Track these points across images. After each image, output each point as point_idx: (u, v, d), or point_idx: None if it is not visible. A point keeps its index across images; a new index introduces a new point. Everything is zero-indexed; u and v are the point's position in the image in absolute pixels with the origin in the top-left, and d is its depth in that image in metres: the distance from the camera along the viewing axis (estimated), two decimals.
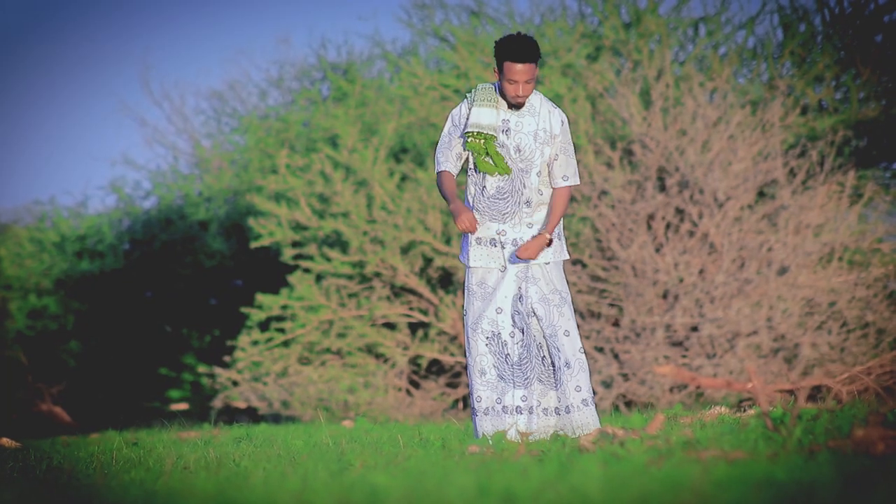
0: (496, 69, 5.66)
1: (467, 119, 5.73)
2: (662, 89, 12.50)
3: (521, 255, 5.62)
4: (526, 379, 5.70)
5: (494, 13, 14.26)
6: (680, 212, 12.60)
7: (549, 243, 5.68)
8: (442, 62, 15.01)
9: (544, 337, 5.69)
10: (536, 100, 5.74)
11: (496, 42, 5.66)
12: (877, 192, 12.91)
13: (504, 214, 5.73)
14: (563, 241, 5.81)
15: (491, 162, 5.69)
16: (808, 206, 12.29)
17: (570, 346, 5.68)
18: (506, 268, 5.74)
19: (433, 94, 13.84)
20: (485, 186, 5.74)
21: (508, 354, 5.73)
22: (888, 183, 13.11)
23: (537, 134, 5.69)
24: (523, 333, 5.72)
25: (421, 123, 13.94)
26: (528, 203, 5.72)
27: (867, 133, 12.92)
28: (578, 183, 5.78)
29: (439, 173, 5.77)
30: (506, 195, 5.72)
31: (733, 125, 12.33)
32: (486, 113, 5.70)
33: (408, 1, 14.93)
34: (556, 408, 5.69)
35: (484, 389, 5.74)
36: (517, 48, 5.56)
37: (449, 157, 5.78)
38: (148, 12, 29.25)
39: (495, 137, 5.69)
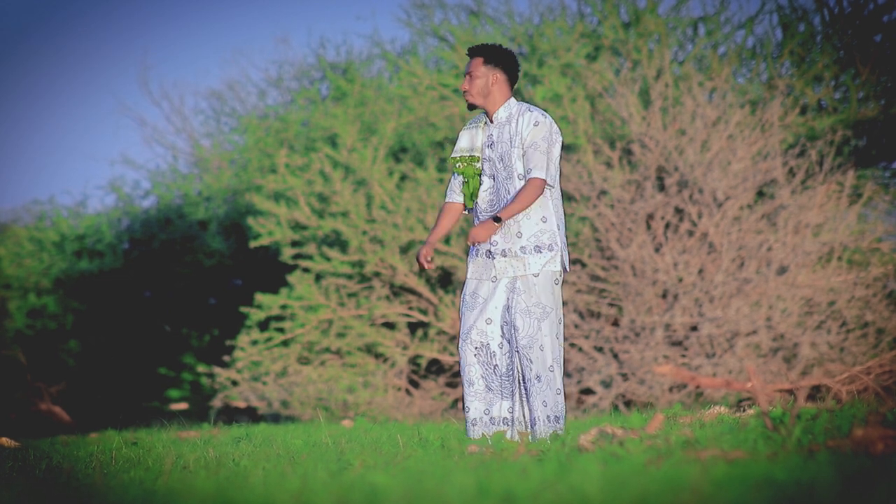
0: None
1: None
2: (662, 89, 12.51)
3: (470, 238, 5.69)
4: (512, 391, 5.74)
5: (493, 13, 14.27)
6: (679, 211, 12.60)
7: (497, 221, 5.66)
8: (441, 62, 15.01)
9: (518, 348, 5.70)
10: (517, 109, 5.81)
11: None
12: (876, 191, 12.91)
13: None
14: (561, 252, 5.77)
15: (468, 189, 5.84)
16: (807, 205, 12.29)
17: (543, 361, 5.68)
18: (497, 278, 5.77)
19: (432, 94, 13.84)
20: (477, 202, 5.85)
21: (497, 365, 5.76)
22: (887, 182, 13.11)
23: (513, 140, 5.77)
24: (510, 345, 5.74)
25: (420, 123, 13.95)
26: None
27: (866, 133, 12.92)
28: (546, 178, 5.74)
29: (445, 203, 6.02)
30: (495, 206, 5.81)
31: (732, 125, 12.34)
32: (465, 136, 5.91)
33: (407, 1, 14.94)
34: (528, 420, 5.72)
35: (472, 400, 5.78)
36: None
37: (453, 186, 5.98)
38: (147, 12, 29.25)
39: (476, 158, 5.79)
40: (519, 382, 5.73)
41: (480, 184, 5.85)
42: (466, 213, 5.94)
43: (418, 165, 13.93)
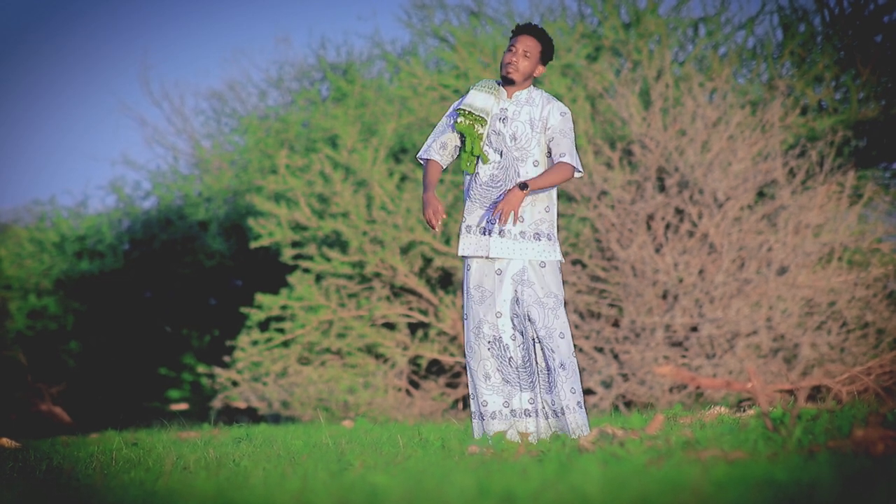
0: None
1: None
2: (662, 89, 12.51)
3: (504, 212, 5.54)
4: (531, 382, 5.70)
5: (494, 13, 14.28)
6: (679, 212, 12.61)
7: (523, 188, 5.58)
8: (441, 62, 15.02)
9: (538, 339, 5.68)
10: (538, 95, 5.79)
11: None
12: (876, 192, 12.91)
13: (495, 203, 5.72)
14: (556, 243, 5.78)
15: (470, 152, 5.74)
16: (807, 206, 12.29)
17: (566, 348, 5.67)
18: (500, 272, 5.73)
19: (433, 95, 13.84)
20: (477, 173, 5.76)
21: (512, 358, 5.73)
22: (888, 183, 13.11)
23: (533, 122, 5.74)
24: (523, 336, 5.71)
25: (420, 124, 13.95)
26: None
27: (867, 133, 12.92)
28: (576, 166, 5.75)
29: (425, 161, 5.81)
30: (499, 183, 5.74)
31: (733, 125, 12.34)
32: (481, 97, 5.79)
33: (407, 1, 14.95)
34: (553, 410, 5.69)
35: (490, 394, 5.73)
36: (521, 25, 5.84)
37: (432, 145, 5.84)
38: (148, 12, 29.25)
39: (485, 122, 5.72)
40: (538, 373, 5.70)
41: (483, 152, 5.79)
42: (455, 175, 5.90)
43: (419, 166, 13.94)
